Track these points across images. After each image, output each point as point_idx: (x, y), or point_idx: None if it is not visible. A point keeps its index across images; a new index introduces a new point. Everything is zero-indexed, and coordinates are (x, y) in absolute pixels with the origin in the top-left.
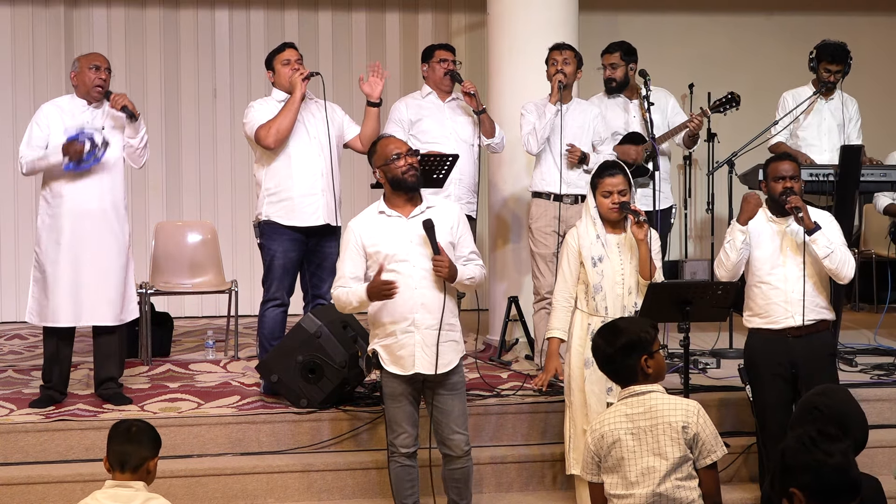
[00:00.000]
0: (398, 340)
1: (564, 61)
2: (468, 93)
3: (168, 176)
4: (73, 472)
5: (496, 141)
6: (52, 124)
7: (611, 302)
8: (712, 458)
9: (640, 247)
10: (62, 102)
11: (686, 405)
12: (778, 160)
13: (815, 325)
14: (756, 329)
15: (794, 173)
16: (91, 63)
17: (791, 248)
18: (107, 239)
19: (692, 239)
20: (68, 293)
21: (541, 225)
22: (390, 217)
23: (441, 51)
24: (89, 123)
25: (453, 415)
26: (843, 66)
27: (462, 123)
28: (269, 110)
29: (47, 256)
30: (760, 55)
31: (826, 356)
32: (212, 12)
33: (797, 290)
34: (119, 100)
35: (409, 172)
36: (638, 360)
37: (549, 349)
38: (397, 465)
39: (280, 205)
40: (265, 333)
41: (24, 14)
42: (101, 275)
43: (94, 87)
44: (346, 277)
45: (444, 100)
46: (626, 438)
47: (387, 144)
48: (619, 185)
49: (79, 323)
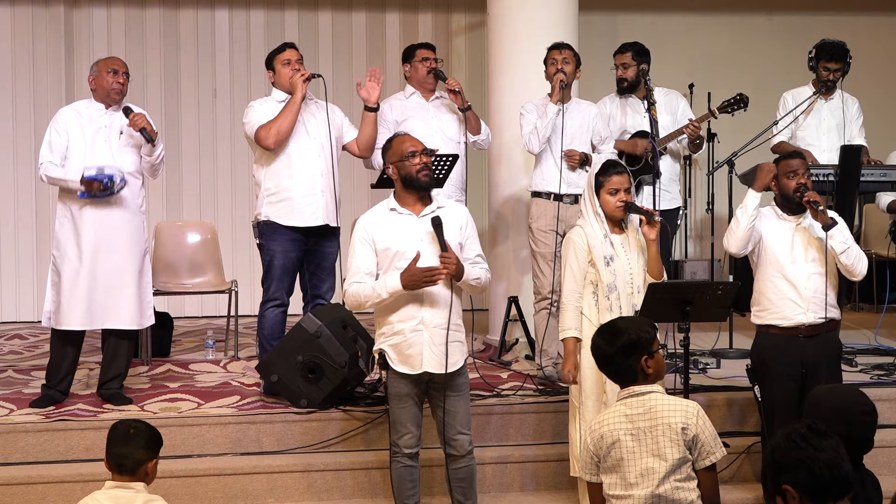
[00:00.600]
0: (406, 339)
1: (564, 60)
2: (453, 90)
3: (168, 176)
4: (73, 472)
5: (482, 138)
6: (70, 129)
7: (623, 301)
8: (711, 459)
9: (651, 246)
10: (80, 107)
11: (686, 406)
12: (788, 157)
13: (825, 324)
14: (766, 327)
15: (805, 169)
16: (109, 67)
17: (804, 245)
18: (126, 243)
19: (692, 239)
20: (85, 297)
21: (541, 224)
22: (401, 215)
23: (422, 50)
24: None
25: (459, 415)
26: (842, 65)
27: (447, 122)
28: (269, 110)
29: (65, 260)
30: (760, 55)
31: (834, 357)
32: (212, 12)
33: (809, 288)
34: (138, 121)
35: (422, 171)
36: (638, 361)
37: (567, 350)
38: (399, 466)
39: (280, 205)
40: (265, 334)
41: (24, 14)
42: (119, 279)
43: (114, 91)
44: (361, 273)
45: (428, 99)
46: (625, 439)
47: (403, 141)
48: (625, 183)
49: (94, 326)
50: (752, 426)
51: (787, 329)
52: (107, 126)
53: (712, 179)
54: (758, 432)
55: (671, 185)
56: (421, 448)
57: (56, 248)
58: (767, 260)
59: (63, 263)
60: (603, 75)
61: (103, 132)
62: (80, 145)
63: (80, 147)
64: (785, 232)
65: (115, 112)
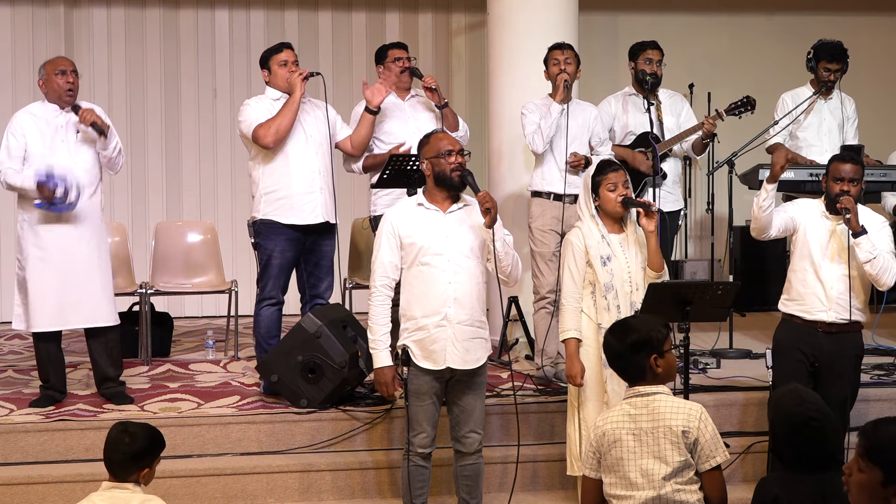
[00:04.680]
0: (430, 335)
1: (566, 61)
2: (430, 87)
3: (168, 176)
4: (73, 472)
5: (460, 134)
6: (27, 133)
7: (622, 300)
8: (712, 463)
9: (650, 238)
10: (34, 109)
11: (689, 409)
12: (841, 161)
13: (847, 324)
14: (789, 315)
15: (855, 176)
16: (57, 68)
17: (838, 247)
18: (87, 243)
19: (692, 239)
20: (51, 297)
21: (540, 224)
22: (428, 210)
23: (394, 50)
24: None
25: (474, 414)
26: (842, 65)
27: (424, 120)
28: (265, 109)
29: (28, 262)
30: (760, 55)
31: (852, 356)
32: (212, 12)
33: (836, 288)
34: (87, 115)
35: (456, 171)
36: (647, 359)
37: (569, 351)
38: (412, 465)
39: (278, 203)
40: (261, 332)
41: (24, 14)
42: (83, 278)
43: (65, 92)
44: (385, 266)
45: (404, 98)
46: (626, 438)
47: (440, 139)
48: (622, 178)
49: (64, 326)
50: (752, 426)
51: (809, 322)
52: (62, 126)
53: (712, 179)
54: (757, 432)
55: (674, 187)
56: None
57: (19, 252)
58: (803, 252)
59: (27, 266)
60: (603, 75)
61: (60, 132)
62: (39, 147)
63: (38, 149)
64: (824, 230)
65: (69, 113)
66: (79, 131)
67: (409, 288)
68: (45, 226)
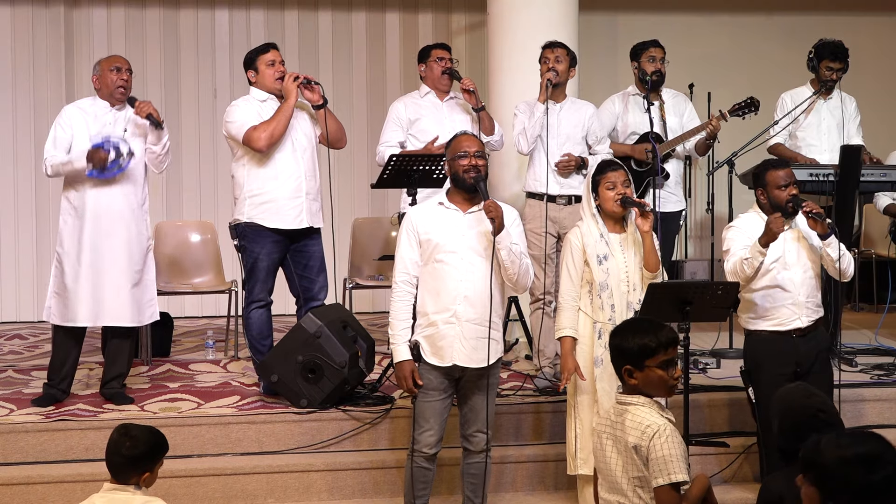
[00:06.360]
0: (439, 331)
1: (556, 59)
2: (468, 90)
3: (168, 176)
4: (73, 472)
5: (495, 139)
6: (74, 125)
7: (617, 300)
8: (658, 481)
9: (645, 238)
10: (84, 104)
11: (645, 426)
12: (775, 168)
13: (815, 323)
14: (758, 331)
15: (794, 178)
16: (112, 65)
17: (795, 251)
18: (127, 241)
19: (692, 239)
20: (89, 294)
21: (533, 226)
22: (448, 209)
23: (438, 50)
24: (111, 125)
25: (481, 414)
26: (843, 64)
27: (460, 122)
28: (253, 110)
29: (69, 257)
30: (760, 55)
31: (824, 350)
32: (212, 12)
33: (802, 293)
34: (144, 107)
35: (469, 172)
36: (620, 367)
37: (564, 349)
38: (415, 466)
39: (263, 206)
40: (253, 334)
41: (24, 14)
42: (121, 277)
43: (117, 89)
44: (406, 262)
45: (443, 99)
46: (607, 443)
47: (461, 141)
48: (622, 177)
49: (97, 323)
50: (752, 426)
51: (781, 332)
52: (111, 123)
53: (712, 179)
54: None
55: (676, 187)
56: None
57: (60, 245)
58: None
59: (66, 260)
60: (603, 75)
61: (108, 129)
62: (85, 142)
63: (84, 144)
64: (777, 241)
65: (119, 111)
66: (126, 129)
67: (424, 284)
68: (89, 222)
